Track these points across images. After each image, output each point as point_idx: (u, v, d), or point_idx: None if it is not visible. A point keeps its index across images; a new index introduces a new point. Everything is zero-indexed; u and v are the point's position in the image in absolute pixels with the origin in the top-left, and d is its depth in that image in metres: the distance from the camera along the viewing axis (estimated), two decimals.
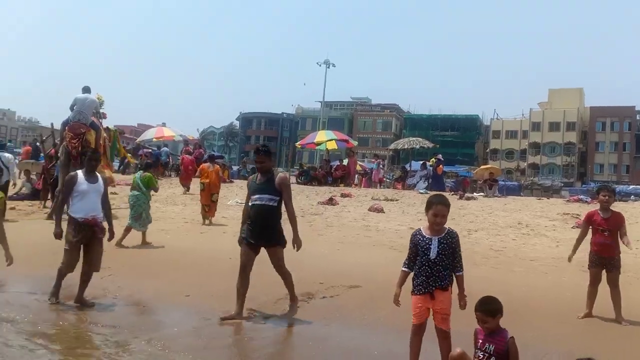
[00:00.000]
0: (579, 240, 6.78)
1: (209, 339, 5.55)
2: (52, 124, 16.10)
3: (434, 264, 4.44)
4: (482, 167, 31.02)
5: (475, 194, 21.71)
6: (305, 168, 27.80)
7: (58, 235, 6.40)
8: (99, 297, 6.66)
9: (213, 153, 20.33)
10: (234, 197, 17.63)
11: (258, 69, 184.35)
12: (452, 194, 20.39)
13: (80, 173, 6.62)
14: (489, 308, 4.09)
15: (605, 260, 6.51)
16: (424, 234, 4.57)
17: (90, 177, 6.58)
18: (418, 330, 4.54)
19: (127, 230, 10.04)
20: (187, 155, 22.55)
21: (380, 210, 15.33)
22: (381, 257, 9.64)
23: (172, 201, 16.66)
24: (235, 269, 8.41)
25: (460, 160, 60.85)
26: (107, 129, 16.13)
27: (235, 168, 34.46)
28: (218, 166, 14.43)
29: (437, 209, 4.53)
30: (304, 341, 5.58)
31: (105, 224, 6.62)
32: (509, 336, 4.07)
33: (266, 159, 6.36)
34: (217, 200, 13.37)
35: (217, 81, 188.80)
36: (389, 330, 5.87)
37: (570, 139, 73.40)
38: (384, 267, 8.69)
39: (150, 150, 27.15)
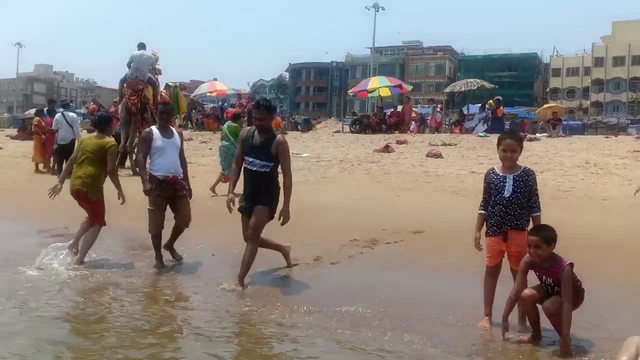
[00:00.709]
0: None
1: (279, 284, 5.66)
2: (93, 98, 16.33)
3: (509, 203, 4.28)
4: (545, 106, 29.72)
5: (538, 134, 20.91)
6: (358, 116, 27.45)
7: (149, 192, 6.09)
8: None
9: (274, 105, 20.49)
10: (290, 148, 17.72)
11: (306, 17, 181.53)
12: None
13: (154, 129, 6.29)
14: (546, 234, 3.98)
15: None
16: (498, 172, 4.40)
17: (165, 131, 6.25)
18: (492, 272, 4.44)
19: (222, 177, 10.76)
20: (230, 109, 23.11)
21: (438, 156, 15.01)
22: (443, 202, 9.49)
23: None
24: (302, 216, 8.52)
25: (518, 101, 58.54)
26: (168, 86, 16.34)
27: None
28: (279, 117, 14.78)
29: (506, 143, 4.36)
30: (372, 285, 5.57)
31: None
32: (566, 263, 3.94)
33: (267, 116, 5.52)
34: None
35: (265, 33, 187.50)
36: (457, 274, 5.79)
37: (636, 73, 69.01)
38: (447, 212, 8.56)
39: (209, 105, 27.57)
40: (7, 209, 9.21)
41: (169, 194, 6.17)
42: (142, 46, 13.42)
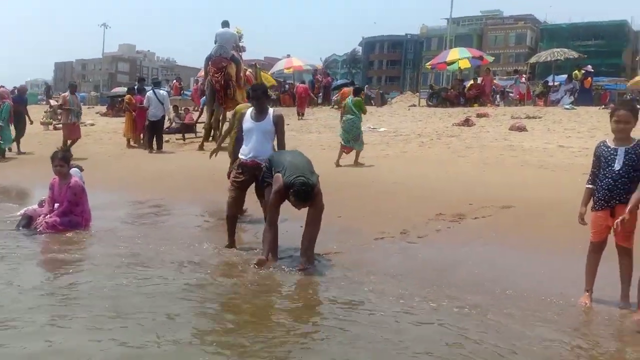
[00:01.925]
0: None
1: (367, 256, 5.74)
2: (177, 76, 16.74)
3: (619, 176, 4.10)
4: (638, 78, 27.83)
5: None
6: (435, 90, 26.85)
7: (228, 174, 6.25)
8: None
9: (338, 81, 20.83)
10: (365, 123, 17.69)
11: None
12: (603, 108, 18.70)
13: (249, 110, 6.10)
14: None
15: None
16: (609, 144, 4.23)
17: (258, 114, 5.96)
18: (597, 248, 4.30)
19: (344, 148, 11.40)
20: (300, 84, 23.73)
21: (523, 129, 14.50)
22: (531, 177, 9.20)
23: (307, 129, 17.09)
24: (385, 190, 8.58)
25: (604, 71, 55.00)
26: (254, 66, 16.75)
27: None
28: (346, 89, 15.34)
29: (619, 114, 4.19)
30: (462, 260, 5.54)
31: None
32: None
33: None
34: None
35: (337, 8, 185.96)
36: (552, 250, 5.62)
37: None
38: (535, 187, 8.29)
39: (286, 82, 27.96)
40: (106, 180, 9.84)
41: (249, 178, 5.93)
42: (225, 24, 13.73)
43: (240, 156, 6.04)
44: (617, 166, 4.11)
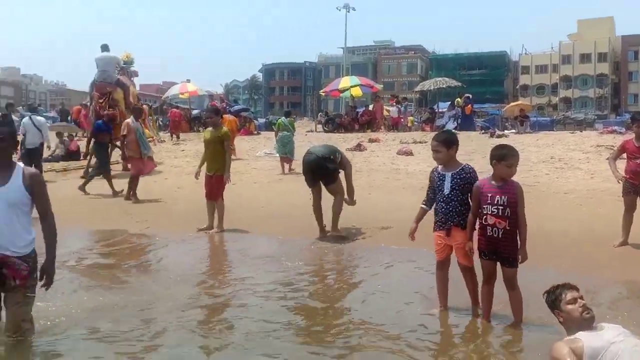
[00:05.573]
0: (612, 163, 6.78)
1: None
2: (62, 102, 15.96)
3: (449, 200, 4.43)
4: (512, 104, 30.35)
5: (506, 131, 21.33)
6: (330, 116, 27.63)
7: None
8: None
9: (235, 106, 21.22)
10: (262, 149, 17.79)
11: (278, 18, 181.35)
12: (482, 133, 20.13)
13: None
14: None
15: (638, 188, 6.39)
16: (440, 170, 4.56)
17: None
18: (440, 266, 4.61)
19: (284, 160, 13.58)
20: (174, 109, 24.82)
21: (409, 153, 15.26)
22: (410, 199, 9.64)
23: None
24: (266, 215, 8.64)
25: (489, 98, 59.41)
26: None
27: (262, 120, 34.43)
28: (229, 116, 17.50)
29: (431, 144, 4.63)
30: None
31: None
32: (516, 183, 4.17)
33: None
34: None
35: (238, 33, 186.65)
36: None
37: (603, 70, 70.73)
38: (413, 208, 8.71)
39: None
40: None
41: None
42: (105, 47, 13.25)
43: None
44: (446, 190, 4.44)
